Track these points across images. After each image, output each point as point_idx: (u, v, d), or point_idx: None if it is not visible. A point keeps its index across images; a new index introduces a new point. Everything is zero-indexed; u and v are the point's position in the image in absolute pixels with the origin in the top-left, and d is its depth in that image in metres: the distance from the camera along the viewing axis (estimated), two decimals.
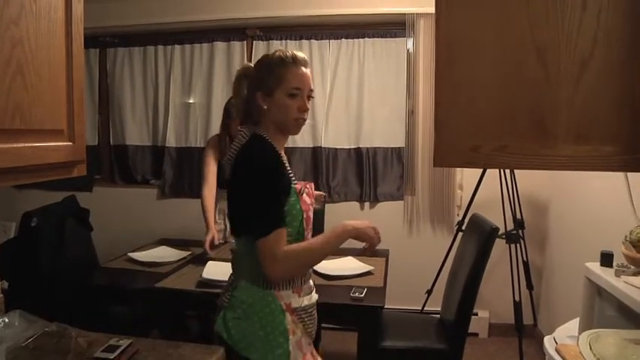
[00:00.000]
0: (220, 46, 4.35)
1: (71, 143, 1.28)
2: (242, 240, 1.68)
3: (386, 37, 4.15)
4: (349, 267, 2.80)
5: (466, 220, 3.25)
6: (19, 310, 1.51)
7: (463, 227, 3.31)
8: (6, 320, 1.45)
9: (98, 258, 3.26)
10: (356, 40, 4.16)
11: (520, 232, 3.51)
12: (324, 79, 4.19)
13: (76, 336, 1.48)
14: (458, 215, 3.83)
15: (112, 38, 4.55)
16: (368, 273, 2.74)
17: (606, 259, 1.95)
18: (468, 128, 1.04)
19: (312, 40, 4.20)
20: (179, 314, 2.55)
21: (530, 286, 3.57)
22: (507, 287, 3.44)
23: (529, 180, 3.75)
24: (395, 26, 4.06)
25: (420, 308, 3.79)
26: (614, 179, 2.58)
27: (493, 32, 1.04)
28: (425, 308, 3.76)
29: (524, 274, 3.53)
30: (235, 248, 1.79)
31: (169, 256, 2.99)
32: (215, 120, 4.22)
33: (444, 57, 1.04)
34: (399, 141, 4.18)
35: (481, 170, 3.53)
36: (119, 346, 1.45)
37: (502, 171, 3.52)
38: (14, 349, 1.38)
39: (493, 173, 3.53)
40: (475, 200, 3.55)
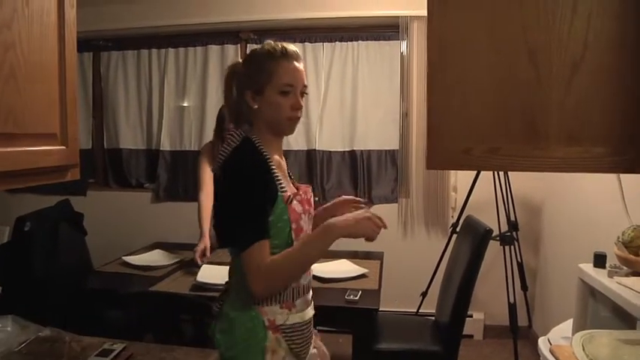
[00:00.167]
0: (214, 50, 4.35)
1: (64, 147, 1.27)
2: (229, 250, 1.57)
3: (379, 40, 4.16)
4: (344, 270, 2.80)
5: (460, 222, 3.26)
6: (12, 315, 1.51)
7: (457, 229, 3.32)
8: None
9: (92, 262, 3.25)
10: (350, 43, 4.17)
11: (514, 234, 3.53)
12: (318, 82, 4.19)
13: (70, 340, 1.47)
14: (452, 217, 3.84)
15: (106, 42, 4.54)
16: (362, 276, 2.74)
17: (599, 260, 1.95)
18: (460, 131, 1.05)
19: (305, 43, 4.20)
20: (173, 318, 2.54)
21: (524, 288, 3.57)
22: (502, 289, 3.45)
23: (523, 182, 3.77)
24: (388, 29, 4.07)
25: (415, 310, 3.79)
26: (606, 181, 2.59)
27: (485, 35, 1.04)
28: (420, 310, 3.76)
29: (518, 276, 3.54)
30: None
31: (164, 260, 2.99)
32: (209, 123, 4.21)
33: (436, 59, 1.05)
34: (393, 143, 4.18)
35: (475, 172, 3.55)
36: (113, 350, 1.45)
37: (496, 173, 3.53)
38: (7, 354, 1.38)
39: (487, 175, 3.54)
40: (469, 202, 3.57)
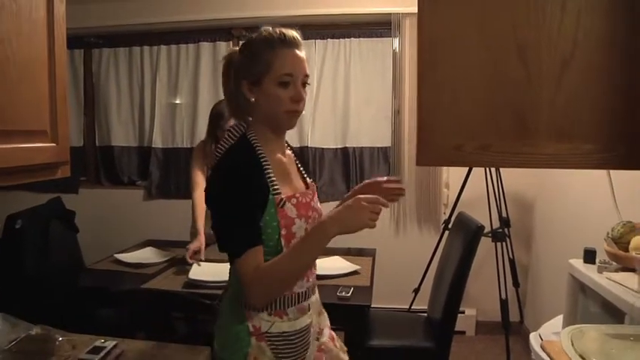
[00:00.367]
0: (206, 47, 4.34)
1: (55, 144, 1.27)
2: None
3: (372, 37, 4.16)
4: (336, 266, 2.80)
5: (452, 219, 3.27)
6: (2, 313, 1.50)
7: (449, 226, 3.33)
8: None
9: (84, 260, 3.24)
10: (342, 40, 4.17)
11: (506, 230, 3.54)
12: (311, 79, 4.16)
13: (60, 338, 1.47)
14: (444, 214, 3.85)
15: (97, 39, 4.52)
16: (355, 272, 2.74)
17: (589, 256, 1.97)
18: (451, 127, 1.05)
19: None
20: (165, 315, 2.53)
21: (516, 284, 3.59)
22: (494, 285, 3.46)
23: (515, 179, 3.79)
24: (381, 26, 4.07)
25: (408, 307, 3.80)
26: (597, 177, 2.61)
27: (475, 32, 1.05)
28: (412, 307, 3.77)
29: (510, 272, 3.56)
30: None
31: (156, 258, 2.97)
32: (201, 120, 4.21)
33: (427, 57, 1.05)
34: (386, 140, 4.19)
35: (467, 169, 3.56)
36: (104, 348, 1.44)
37: (488, 170, 3.54)
38: None
39: (479, 172, 3.55)
40: (461, 199, 3.58)
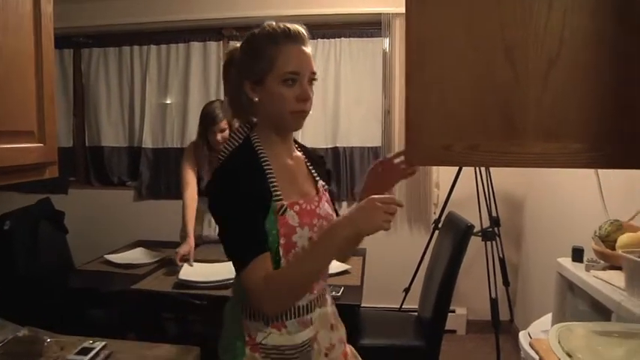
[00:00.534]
0: (196, 47, 4.33)
1: (42, 144, 1.26)
2: None
3: (362, 37, 4.18)
4: None
5: (442, 219, 3.28)
6: None
7: (440, 225, 3.34)
8: None
9: (74, 261, 3.22)
10: (332, 40, 4.18)
11: (496, 230, 3.56)
12: None
13: (49, 339, 1.46)
14: (435, 213, 3.86)
15: (87, 39, 4.50)
16: (345, 272, 2.74)
17: (577, 255, 1.98)
18: (439, 127, 1.05)
19: None
20: (156, 316, 2.53)
21: (506, 283, 3.61)
22: (484, 284, 3.48)
23: (504, 178, 3.81)
24: (371, 26, 4.08)
25: (398, 306, 3.81)
26: (585, 176, 2.63)
27: (463, 32, 1.05)
28: (403, 306, 3.79)
29: (500, 271, 3.58)
30: None
31: (146, 258, 2.96)
32: (192, 120, 4.20)
33: (415, 57, 1.05)
34: (376, 140, 4.20)
35: (457, 169, 3.57)
36: (93, 349, 1.43)
37: (477, 169, 3.56)
38: None
39: (469, 171, 3.57)
40: (451, 198, 3.59)
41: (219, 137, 3.00)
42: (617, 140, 1.03)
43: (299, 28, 1.37)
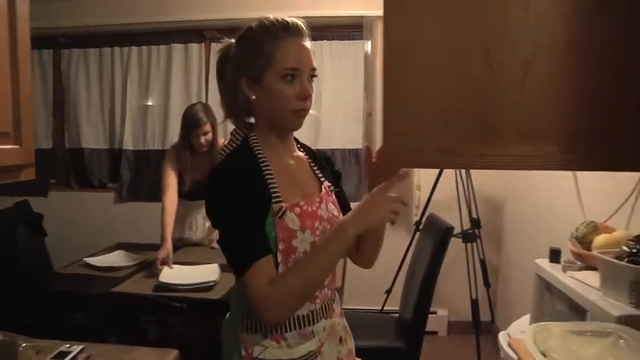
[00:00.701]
0: (178, 48, 4.31)
1: (18, 146, 1.25)
2: None
3: (344, 40, 4.18)
4: None
5: (423, 220, 3.30)
6: None
7: (420, 227, 3.36)
8: None
9: (53, 264, 3.18)
10: (314, 43, 4.15)
11: (476, 232, 3.58)
12: None
13: (24, 344, 1.44)
14: (416, 215, 3.88)
15: (67, 39, 4.45)
16: None
17: (554, 256, 2.01)
18: (412, 130, 1.06)
19: None
20: (136, 319, 2.52)
21: (487, 284, 3.64)
22: (465, 285, 3.50)
23: (484, 180, 3.84)
24: (353, 29, 4.09)
25: (380, 308, 3.82)
26: (563, 178, 2.66)
27: (440, 36, 1.06)
28: (385, 308, 3.80)
29: (481, 272, 3.60)
30: None
31: (126, 261, 2.93)
32: (173, 122, 4.18)
33: (392, 59, 1.06)
34: (357, 142, 4.21)
35: (438, 171, 3.60)
36: (70, 352, 1.42)
37: (458, 172, 3.59)
38: None
39: (450, 173, 3.59)
40: (432, 200, 3.61)
41: (202, 140, 3.00)
42: (592, 142, 1.04)
43: (298, 22, 1.32)
